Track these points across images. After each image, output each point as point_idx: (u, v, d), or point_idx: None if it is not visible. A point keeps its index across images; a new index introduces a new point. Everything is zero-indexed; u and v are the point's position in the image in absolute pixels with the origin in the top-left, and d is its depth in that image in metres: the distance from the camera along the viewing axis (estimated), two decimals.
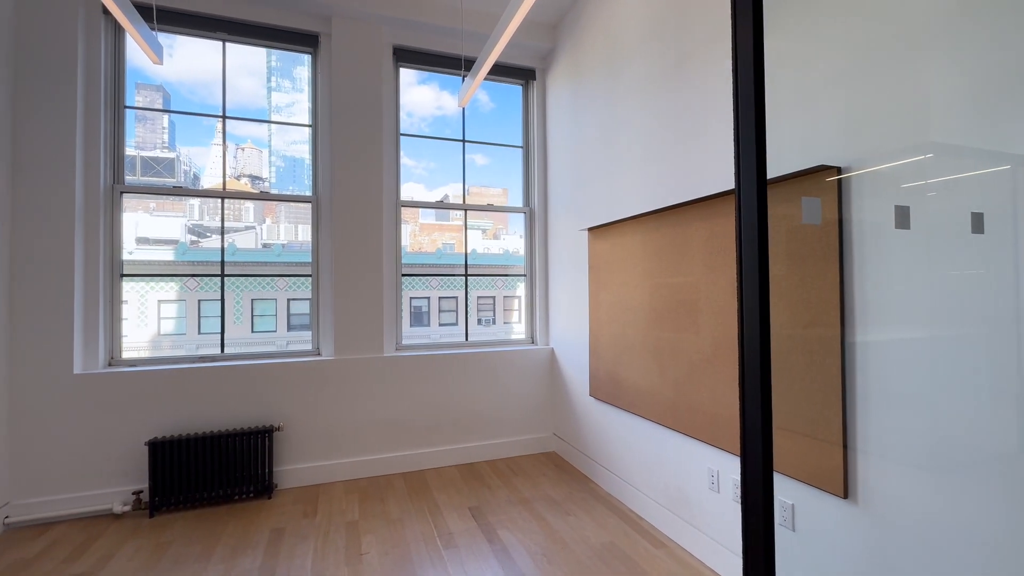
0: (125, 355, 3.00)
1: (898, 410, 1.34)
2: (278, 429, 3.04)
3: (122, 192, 2.99)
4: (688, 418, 2.29)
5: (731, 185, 2.07)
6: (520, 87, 3.99)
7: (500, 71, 3.81)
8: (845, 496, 1.52)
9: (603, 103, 3.03)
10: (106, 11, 2.90)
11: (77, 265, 2.77)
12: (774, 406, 1.77)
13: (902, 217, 1.32)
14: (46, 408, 2.69)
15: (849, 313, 1.50)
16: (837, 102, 1.54)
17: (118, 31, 3.00)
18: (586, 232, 3.25)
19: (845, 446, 1.51)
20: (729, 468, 2.10)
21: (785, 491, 1.75)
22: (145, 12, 2.94)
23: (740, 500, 0.83)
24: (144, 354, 3.06)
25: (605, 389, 2.99)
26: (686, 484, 2.35)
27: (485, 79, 3.82)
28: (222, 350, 3.19)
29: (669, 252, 2.41)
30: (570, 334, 3.51)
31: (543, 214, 3.91)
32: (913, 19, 1.30)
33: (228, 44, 3.23)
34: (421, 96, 3.95)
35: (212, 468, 2.83)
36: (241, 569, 2.21)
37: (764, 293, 0.75)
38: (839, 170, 1.53)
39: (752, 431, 0.74)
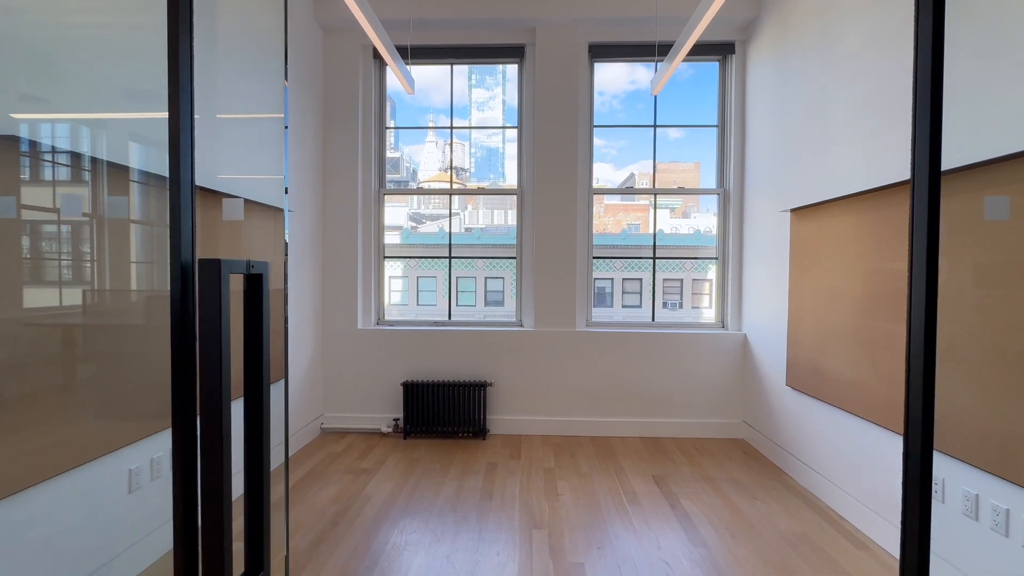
0: (386, 317, 3.99)
1: None
2: (490, 385, 3.68)
3: (384, 193, 3.93)
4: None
5: (981, 157, 1.78)
6: (716, 63, 3.85)
7: (695, 50, 3.74)
8: None
9: (815, 71, 2.80)
10: (376, 54, 3.81)
11: (358, 250, 3.78)
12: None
13: None
14: (342, 351, 3.78)
15: None
16: None
17: (382, 68, 3.91)
18: (788, 213, 3.06)
19: None
20: (957, 477, 1.87)
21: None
22: (401, 51, 3.76)
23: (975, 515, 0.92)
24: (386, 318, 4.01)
25: (805, 379, 2.84)
26: (899, 489, 2.15)
27: None
28: (449, 317, 3.97)
29: (889, 234, 2.18)
30: (765, 320, 3.36)
31: (738, 196, 3.76)
32: None
33: (454, 66, 3.91)
34: (614, 72, 4.05)
35: (444, 409, 3.62)
36: (468, 487, 2.85)
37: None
38: None
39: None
